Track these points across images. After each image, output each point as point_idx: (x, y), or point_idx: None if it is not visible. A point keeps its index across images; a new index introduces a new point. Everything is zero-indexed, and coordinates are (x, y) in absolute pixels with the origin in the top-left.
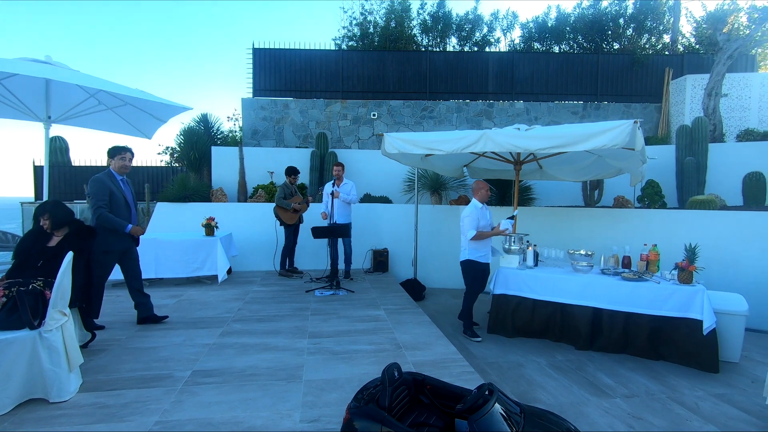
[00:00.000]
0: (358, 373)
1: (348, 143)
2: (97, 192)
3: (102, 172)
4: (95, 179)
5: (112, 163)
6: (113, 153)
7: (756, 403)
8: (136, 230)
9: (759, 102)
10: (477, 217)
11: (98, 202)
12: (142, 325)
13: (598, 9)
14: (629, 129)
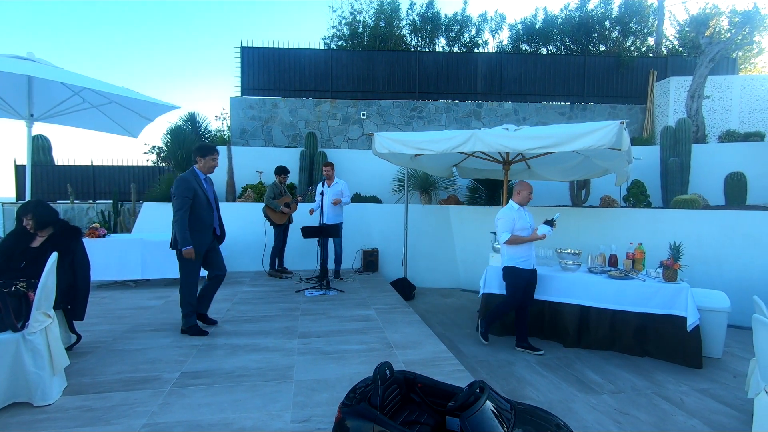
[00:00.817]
0: (349, 372)
1: (337, 143)
2: (182, 193)
3: (187, 170)
4: (182, 179)
5: (200, 162)
6: (205, 152)
7: (738, 397)
8: (188, 253)
9: (740, 104)
10: (513, 219)
11: (182, 204)
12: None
13: (585, 11)
14: (615, 130)
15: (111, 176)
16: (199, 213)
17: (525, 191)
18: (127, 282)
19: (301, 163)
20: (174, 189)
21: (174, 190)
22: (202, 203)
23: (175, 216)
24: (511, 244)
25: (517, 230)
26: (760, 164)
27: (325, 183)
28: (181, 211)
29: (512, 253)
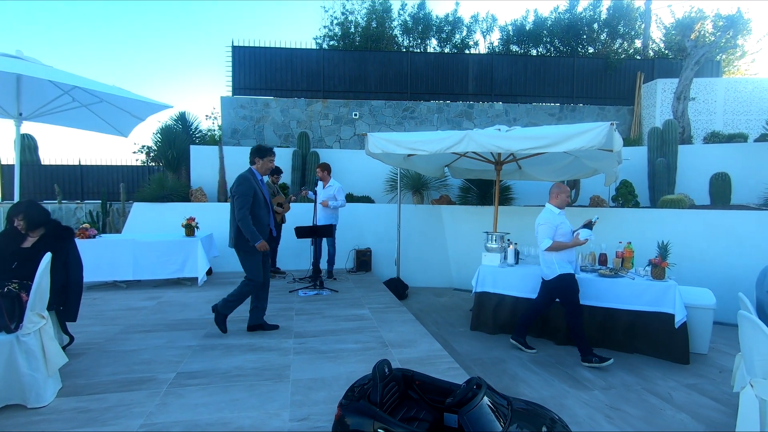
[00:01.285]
0: (345, 371)
1: (329, 143)
2: (245, 192)
3: (246, 170)
4: (244, 178)
5: (258, 163)
6: (263, 153)
7: (724, 391)
8: (262, 246)
9: (723, 106)
10: (555, 224)
11: (244, 203)
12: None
13: (574, 14)
14: (606, 131)
15: (99, 176)
16: (257, 213)
17: (564, 194)
18: (118, 283)
19: (293, 163)
20: (235, 188)
21: (235, 190)
22: (260, 203)
23: (238, 215)
24: (552, 250)
25: (559, 235)
26: (744, 165)
27: (321, 184)
28: (243, 210)
29: (561, 259)
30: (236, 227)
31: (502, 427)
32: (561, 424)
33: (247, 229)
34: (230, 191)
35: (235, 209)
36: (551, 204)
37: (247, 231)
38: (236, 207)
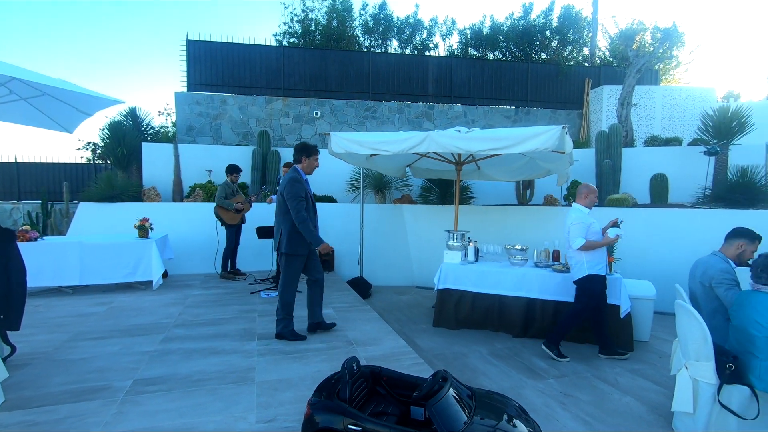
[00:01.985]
0: (311, 371)
1: (290, 142)
2: (298, 193)
3: (291, 170)
4: (295, 180)
5: (305, 162)
6: (311, 152)
7: (663, 375)
8: (325, 248)
9: (662, 112)
10: (587, 224)
11: (300, 205)
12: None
13: (528, 20)
14: (558, 134)
15: (38, 174)
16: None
17: (593, 195)
18: (64, 288)
19: (253, 162)
20: (288, 190)
21: (288, 191)
22: (309, 205)
23: (297, 218)
24: (584, 249)
25: (591, 234)
26: (679, 166)
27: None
28: (302, 212)
29: (590, 259)
30: (287, 230)
31: (467, 416)
32: (521, 411)
33: (307, 231)
34: (280, 193)
35: (290, 211)
36: (580, 204)
37: (307, 233)
38: (293, 209)
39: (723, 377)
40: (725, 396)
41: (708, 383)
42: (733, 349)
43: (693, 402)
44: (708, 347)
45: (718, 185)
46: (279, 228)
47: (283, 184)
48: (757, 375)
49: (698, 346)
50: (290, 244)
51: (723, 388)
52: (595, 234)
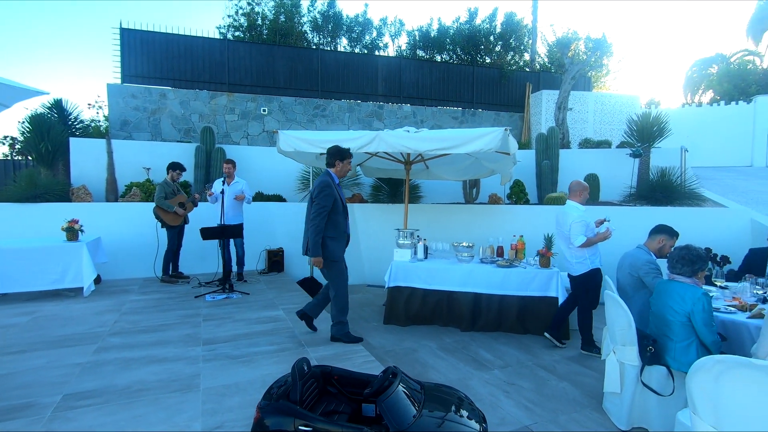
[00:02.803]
0: (260, 374)
1: (236, 139)
2: (326, 198)
3: (324, 174)
4: (326, 184)
5: (338, 166)
6: (344, 155)
7: (595, 360)
8: (317, 262)
9: (594, 116)
10: (587, 222)
11: (322, 210)
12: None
13: (473, 25)
14: (501, 135)
15: None
16: (336, 219)
17: (586, 191)
18: None
19: (196, 159)
20: (316, 193)
21: (316, 195)
22: (339, 209)
23: (315, 220)
24: (585, 246)
25: (588, 232)
26: (609, 167)
27: (225, 181)
28: (319, 218)
29: (592, 254)
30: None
31: (416, 410)
32: (468, 402)
33: (315, 238)
34: (311, 195)
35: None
36: (575, 201)
37: (313, 239)
38: (313, 215)
39: (644, 359)
40: (646, 376)
41: (632, 365)
42: (652, 333)
43: (620, 383)
44: (632, 333)
45: (642, 185)
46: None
47: (315, 188)
48: (673, 356)
49: (624, 332)
50: (328, 250)
51: (644, 369)
52: (591, 231)
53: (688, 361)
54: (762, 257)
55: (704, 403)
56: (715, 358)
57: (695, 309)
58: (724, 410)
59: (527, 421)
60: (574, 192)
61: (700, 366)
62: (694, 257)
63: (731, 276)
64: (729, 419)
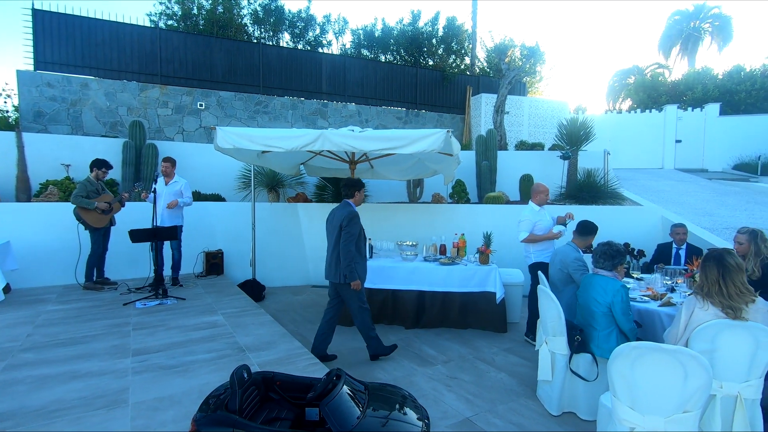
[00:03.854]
0: (197, 384)
1: (170, 134)
2: (355, 227)
3: (345, 204)
4: (354, 214)
5: (357, 196)
6: (360, 185)
7: (530, 351)
8: (356, 285)
9: (528, 120)
10: (534, 221)
11: (353, 238)
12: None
13: (416, 28)
14: (443, 137)
15: None
16: (360, 246)
17: (542, 194)
18: None
19: (124, 156)
20: (346, 223)
21: (346, 224)
22: (362, 236)
23: (346, 247)
24: (528, 242)
25: (538, 229)
26: (542, 168)
27: (162, 180)
28: (351, 244)
29: (536, 249)
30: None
31: (360, 411)
32: (410, 399)
33: (350, 264)
34: (339, 225)
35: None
36: (532, 202)
37: (350, 266)
38: (344, 242)
39: (572, 348)
40: (574, 364)
41: (562, 354)
42: (579, 323)
43: (551, 371)
44: (561, 324)
45: (570, 185)
46: (338, 260)
47: (343, 217)
48: (597, 344)
49: (554, 324)
50: (356, 273)
51: (573, 357)
52: (541, 229)
53: (609, 348)
54: (667, 250)
55: (622, 386)
56: (632, 345)
57: (615, 300)
58: (639, 391)
59: (468, 413)
60: (532, 193)
61: (618, 352)
62: (614, 252)
63: (645, 268)
64: (643, 399)
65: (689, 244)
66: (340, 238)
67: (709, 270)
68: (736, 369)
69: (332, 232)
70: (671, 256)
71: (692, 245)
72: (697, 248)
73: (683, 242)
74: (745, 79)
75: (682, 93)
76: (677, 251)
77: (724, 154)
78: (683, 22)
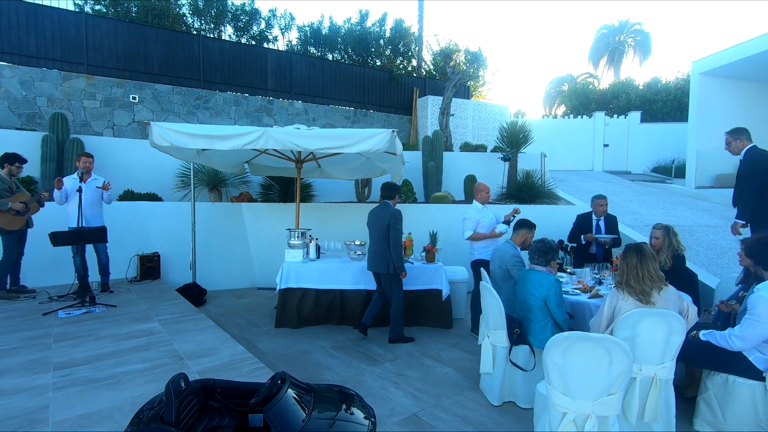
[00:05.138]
0: (129, 397)
1: (98, 129)
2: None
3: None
4: (399, 213)
5: (396, 199)
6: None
7: (475, 345)
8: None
9: (473, 122)
10: (477, 219)
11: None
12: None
13: (364, 27)
14: (388, 137)
15: None
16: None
17: (483, 192)
18: None
19: (44, 151)
20: (393, 221)
21: (393, 223)
22: None
23: (394, 248)
24: (472, 240)
25: (480, 227)
26: (485, 169)
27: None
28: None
29: (480, 246)
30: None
31: (305, 414)
32: (357, 399)
33: (399, 258)
34: (386, 224)
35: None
36: (476, 200)
37: (400, 259)
38: (394, 237)
39: (512, 340)
40: (513, 355)
41: (502, 347)
42: (518, 317)
43: (492, 363)
44: (501, 318)
45: (511, 185)
46: (384, 252)
47: (390, 216)
48: (534, 336)
49: (495, 318)
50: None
51: (512, 349)
52: (484, 227)
53: (545, 338)
54: (588, 221)
55: (555, 374)
56: (564, 335)
57: (549, 293)
58: (570, 378)
59: (415, 408)
60: (474, 192)
61: (552, 342)
62: (547, 249)
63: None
64: (574, 385)
65: (608, 214)
66: (389, 234)
67: (629, 258)
68: (653, 353)
69: (377, 230)
70: (592, 227)
71: (611, 215)
72: (612, 216)
73: (603, 214)
74: (662, 90)
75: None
76: (597, 222)
77: (644, 158)
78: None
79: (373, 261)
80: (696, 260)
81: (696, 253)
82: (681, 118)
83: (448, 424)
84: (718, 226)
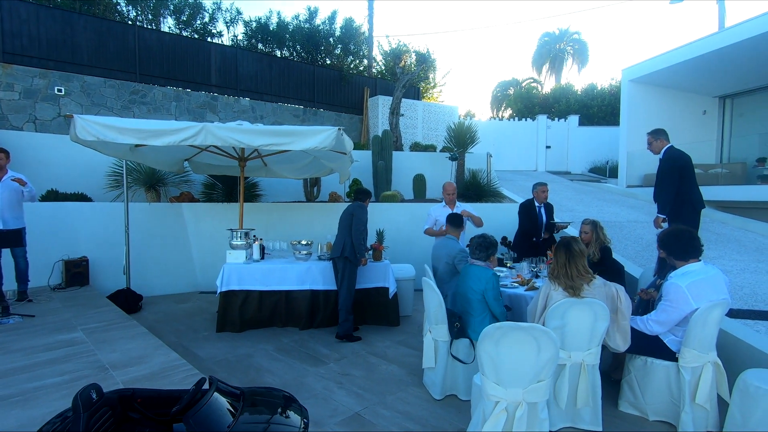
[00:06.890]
0: (41, 414)
1: (17, 123)
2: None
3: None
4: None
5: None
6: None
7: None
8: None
9: (422, 123)
10: (435, 217)
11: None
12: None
13: (313, 25)
14: (334, 135)
15: None
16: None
17: (444, 192)
18: None
19: None
20: (357, 210)
21: (357, 211)
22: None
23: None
24: (427, 234)
25: (438, 225)
26: (434, 168)
27: None
28: (363, 227)
29: None
30: (350, 242)
31: (232, 418)
32: (291, 400)
33: (361, 244)
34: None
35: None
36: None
37: (360, 245)
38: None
39: (453, 334)
40: (454, 349)
41: (443, 341)
42: (458, 311)
43: (434, 358)
44: (442, 312)
45: (458, 184)
46: (344, 239)
47: (356, 206)
48: (473, 329)
49: (436, 312)
50: (353, 252)
51: (453, 343)
52: (441, 225)
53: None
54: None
55: (489, 364)
56: (496, 326)
57: (487, 287)
58: (503, 367)
59: (358, 407)
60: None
61: (485, 334)
62: (487, 244)
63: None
64: (506, 374)
65: (547, 202)
66: (351, 223)
67: (559, 255)
68: (581, 340)
69: (343, 222)
70: (536, 213)
71: (549, 203)
72: (550, 204)
73: (544, 200)
74: (598, 96)
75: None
76: (539, 209)
77: (582, 159)
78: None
79: (334, 248)
80: (624, 253)
81: (624, 247)
82: (615, 122)
83: (389, 421)
84: (644, 222)
